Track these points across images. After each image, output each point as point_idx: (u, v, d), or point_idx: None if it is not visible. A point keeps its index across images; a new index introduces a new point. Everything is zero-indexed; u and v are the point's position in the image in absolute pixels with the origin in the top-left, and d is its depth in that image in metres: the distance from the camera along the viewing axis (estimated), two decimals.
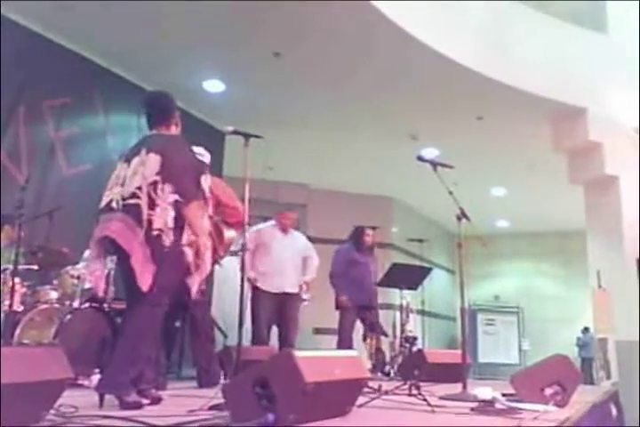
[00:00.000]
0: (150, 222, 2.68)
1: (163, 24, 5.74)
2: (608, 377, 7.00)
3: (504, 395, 2.91)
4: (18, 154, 5.34)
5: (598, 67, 7.57)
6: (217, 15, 5.55)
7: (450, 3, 6.51)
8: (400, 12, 5.73)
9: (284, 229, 5.26)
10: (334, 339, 5.82)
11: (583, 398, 3.20)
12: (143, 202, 2.70)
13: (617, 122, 7.37)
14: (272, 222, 5.26)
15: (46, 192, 5.49)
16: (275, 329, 5.15)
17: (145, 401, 2.71)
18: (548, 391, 2.84)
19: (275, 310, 5.02)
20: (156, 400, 2.82)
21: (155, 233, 2.67)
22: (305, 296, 5.24)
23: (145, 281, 2.66)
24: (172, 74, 6.59)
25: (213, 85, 6.91)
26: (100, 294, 2.71)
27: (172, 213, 2.70)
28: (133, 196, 2.73)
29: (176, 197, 2.71)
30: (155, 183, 2.72)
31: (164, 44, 6.08)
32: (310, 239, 5.70)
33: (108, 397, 2.74)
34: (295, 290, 5.13)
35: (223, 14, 5.53)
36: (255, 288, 4.99)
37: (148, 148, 2.82)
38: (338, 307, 5.75)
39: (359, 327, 5.89)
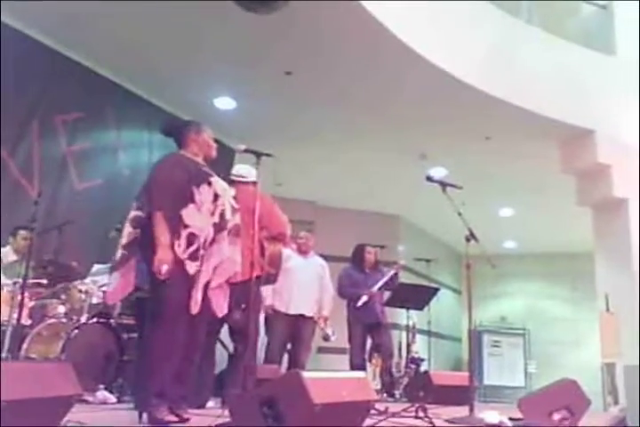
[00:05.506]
0: None
1: (175, 41, 5.81)
2: (616, 402, 6.91)
3: (511, 419, 2.88)
4: (30, 168, 5.38)
5: (607, 88, 7.59)
6: (229, 33, 5.61)
7: (459, 23, 6.57)
8: (410, 32, 5.78)
9: (305, 252, 5.35)
10: (338, 358, 5.81)
11: (591, 423, 3.17)
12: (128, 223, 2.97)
13: (626, 144, 7.36)
14: (292, 245, 5.30)
15: (58, 206, 5.52)
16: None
17: (171, 418, 2.70)
18: (556, 416, 2.82)
19: (289, 332, 5.05)
20: (183, 419, 2.78)
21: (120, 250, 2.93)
22: (330, 333, 5.31)
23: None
24: (183, 91, 6.66)
25: (224, 102, 6.97)
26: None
27: (129, 229, 2.93)
28: None
29: (137, 212, 2.93)
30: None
31: (176, 60, 6.15)
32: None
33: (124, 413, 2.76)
34: (310, 313, 5.16)
35: (235, 33, 5.60)
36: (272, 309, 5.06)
37: None
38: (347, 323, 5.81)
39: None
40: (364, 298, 5.69)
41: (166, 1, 5.06)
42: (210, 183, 2.99)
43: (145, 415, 2.71)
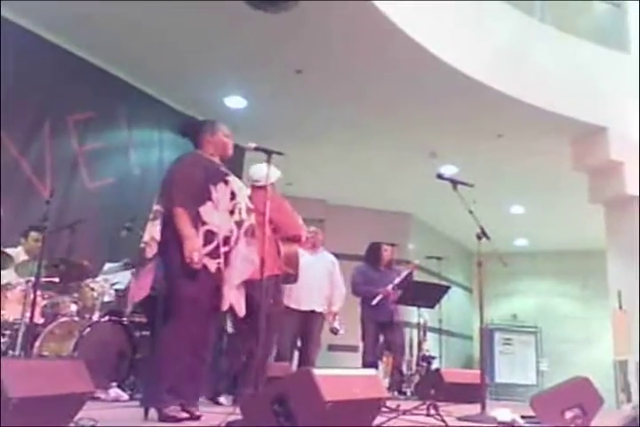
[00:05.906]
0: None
1: (186, 41, 5.83)
2: (629, 400, 6.87)
3: (523, 417, 2.87)
4: (43, 168, 5.43)
5: (620, 86, 7.53)
6: (240, 33, 5.62)
7: (472, 22, 6.55)
8: (420, 29, 5.77)
9: (314, 246, 5.35)
10: (349, 356, 5.80)
11: (604, 422, 3.15)
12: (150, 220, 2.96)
13: (638, 141, 7.30)
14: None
15: (69, 205, 5.55)
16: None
17: (183, 415, 2.72)
18: (569, 414, 2.80)
19: (299, 328, 5.05)
20: (194, 417, 2.79)
21: (141, 245, 2.89)
22: (338, 327, 5.30)
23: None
24: (194, 90, 6.68)
25: (235, 101, 6.98)
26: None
27: (157, 225, 2.89)
28: None
29: (157, 207, 2.92)
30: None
31: (187, 60, 6.17)
32: None
33: (136, 410, 2.77)
34: (320, 309, 5.17)
35: (246, 32, 5.60)
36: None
37: None
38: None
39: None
40: (380, 296, 5.70)
41: (177, 1, 5.08)
42: (226, 182, 3.02)
43: (151, 411, 2.72)
